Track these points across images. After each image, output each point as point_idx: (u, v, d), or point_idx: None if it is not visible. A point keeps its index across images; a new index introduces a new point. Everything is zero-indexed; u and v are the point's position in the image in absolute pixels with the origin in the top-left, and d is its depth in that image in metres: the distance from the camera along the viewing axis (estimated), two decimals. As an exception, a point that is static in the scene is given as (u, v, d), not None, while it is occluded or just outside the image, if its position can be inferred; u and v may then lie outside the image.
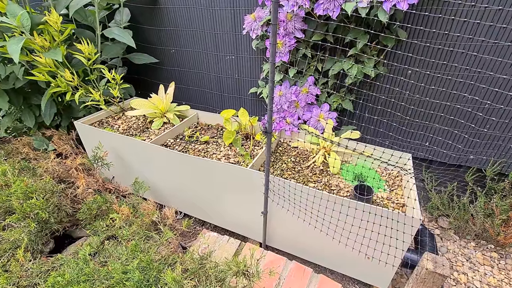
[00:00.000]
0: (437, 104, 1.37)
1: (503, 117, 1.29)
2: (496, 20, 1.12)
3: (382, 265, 1.02)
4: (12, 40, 1.29)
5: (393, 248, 0.95)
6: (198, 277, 0.90)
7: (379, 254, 1.00)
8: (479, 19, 1.14)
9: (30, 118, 1.79)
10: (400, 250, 0.94)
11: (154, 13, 1.92)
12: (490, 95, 1.27)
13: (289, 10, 1.22)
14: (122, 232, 1.10)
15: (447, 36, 1.21)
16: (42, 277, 0.99)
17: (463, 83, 1.28)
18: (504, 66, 1.19)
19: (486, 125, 1.34)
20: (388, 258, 0.98)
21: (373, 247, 1.00)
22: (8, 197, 1.10)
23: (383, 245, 0.97)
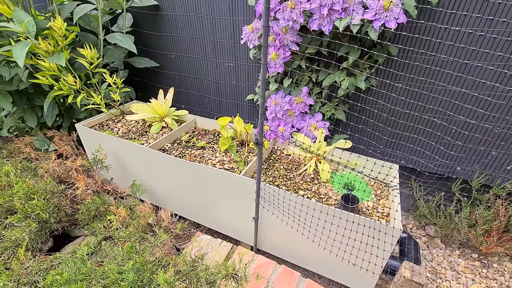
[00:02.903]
0: (425, 119, 1.43)
1: (486, 135, 1.35)
2: (479, 45, 1.18)
3: (365, 271, 1.07)
4: (18, 45, 1.34)
5: (374, 256, 1.00)
6: (189, 279, 0.95)
7: (361, 262, 1.06)
8: (463, 43, 1.20)
9: (33, 119, 1.84)
10: (381, 259, 0.99)
11: (156, 19, 1.97)
12: (474, 113, 1.32)
13: (284, 24, 1.28)
14: (118, 233, 1.15)
15: (434, 56, 1.27)
16: (41, 275, 1.04)
17: (449, 102, 1.33)
18: (487, 87, 1.24)
19: (470, 141, 1.39)
20: (370, 265, 1.03)
21: (355, 254, 1.05)
22: (11, 197, 1.15)
23: (365, 253, 1.02)
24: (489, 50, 1.17)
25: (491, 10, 1.14)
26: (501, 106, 1.27)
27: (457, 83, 1.29)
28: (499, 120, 1.30)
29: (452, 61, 1.25)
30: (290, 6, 1.24)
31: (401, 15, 1.11)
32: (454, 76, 1.27)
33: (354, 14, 1.16)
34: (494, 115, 1.29)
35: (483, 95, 1.27)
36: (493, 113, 1.28)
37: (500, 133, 1.33)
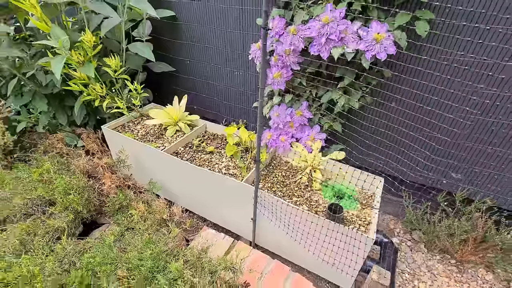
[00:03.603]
0: (413, 137, 1.55)
1: (465, 152, 1.47)
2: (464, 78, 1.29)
3: (341, 271, 1.26)
4: (56, 59, 1.55)
5: (349, 259, 1.18)
6: (195, 268, 1.17)
7: (338, 263, 1.24)
8: (449, 74, 1.31)
9: (63, 117, 2.08)
10: (354, 262, 1.17)
11: (173, 27, 2.13)
12: (459, 135, 1.44)
13: (287, 47, 1.41)
14: (138, 226, 1.37)
15: (421, 82, 1.38)
16: (76, 257, 1.28)
17: (433, 123, 1.45)
18: (465, 114, 1.35)
19: (451, 158, 1.51)
20: (346, 267, 1.21)
21: (333, 256, 1.23)
22: (52, 191, 1.40)
23: (341, 256, 1.20)
24: (471, 82, 1.28)
25: (475, 48, 1.24)
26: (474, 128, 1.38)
27: (442, 107, 1.41)
28: (477, 140, 1.41)
29: (439, 88, 1.36)
30: (292, 31, 1.38)
31: (391, 47, 1.23)
32: (441, 100, 1.39)
33: (350, 43, 1.28)
34: (474, 135, 1.40)
35: (462, 118, 1.38)
36: (474, 133, 1.39)
37: (481, 151, 1.44)
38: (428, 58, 1.35)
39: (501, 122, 1.34)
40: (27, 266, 1.05)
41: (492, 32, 1.19)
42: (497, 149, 1.40)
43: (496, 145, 1.39)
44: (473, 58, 1.25)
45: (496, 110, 1.32)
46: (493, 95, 1.29)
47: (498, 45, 1.19)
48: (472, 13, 1.20)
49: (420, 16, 1.23)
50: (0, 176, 1.43)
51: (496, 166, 1.45)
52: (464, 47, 1.26)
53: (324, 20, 1.27)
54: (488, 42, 1.20)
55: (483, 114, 1.35)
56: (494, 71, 1.24)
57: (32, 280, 1.03)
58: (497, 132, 1.36)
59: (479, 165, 1.49)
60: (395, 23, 1.26)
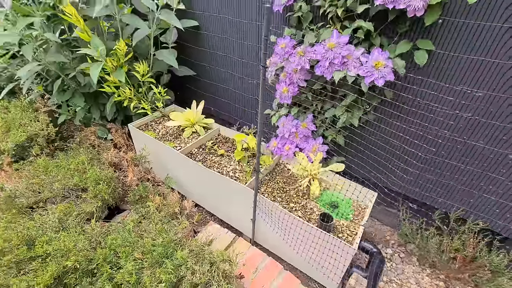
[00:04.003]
0: (412, 153, 1.62)
1: (462, 175, 1.52)
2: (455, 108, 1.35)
3: (327, 275, 1.39)
4: (94, 65, 1.79)
5: (332, 265, 1.31)
6: (198, 257, 1.36)
7: (324, 268, 1.37)
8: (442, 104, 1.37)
9: (97, 112, 2.35)
10: (336, 268, 1.30)
11: (197, 36, 2.32)
12: (455, 152, 1.50)
13: (295, 66, 1.54)
14: (154, 216, 1.59)
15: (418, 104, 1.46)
16: (102, 237, 1.52)
17: (431, 140, 1.52)
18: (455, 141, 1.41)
19: (444, 177, 1.58)
20: (331, 272, 1.35)
21: (317, 261, 1.37)
22: (85, 180, 1.65)
23: (325, 262, 1.33)
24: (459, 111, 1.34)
25: (471, 81, 1.30)
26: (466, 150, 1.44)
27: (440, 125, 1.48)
28: (468, 163, 1.47)
29: (435, 109, 1.43)
30: (299, 53, 1.50)
31: (389, 74, 1.31)
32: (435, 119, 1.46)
33: (352, 68, 1.38)
34: (465, 159, 1.46)
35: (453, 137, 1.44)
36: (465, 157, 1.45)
37: (476, 174, 1.49)
38: (432, 81, 1.41)
39: (495, 150, 1.38)
40: (64, 241, 1.30)
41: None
42: (496, 176, 1.44)
43: (491, 170, 1.44)
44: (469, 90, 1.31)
45: (490, 140, 1.37)
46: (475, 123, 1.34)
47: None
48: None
49: (421, 47, 1.31)
50: (45, 164, 1.71)
51: (490, 190, 1.50)
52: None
53: (329, 45, 1.38)
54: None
55: (470, 138, 1.40)
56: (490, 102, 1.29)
57: (67, 253, 1.27)
58: (487, 156, 1.41)
59: (472, 187, 1.54)
60: (396, 51, 1.34)
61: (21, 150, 1.99)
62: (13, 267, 1.25)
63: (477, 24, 1.20)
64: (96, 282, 1.23)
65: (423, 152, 1.59)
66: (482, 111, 1.33)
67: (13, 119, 2.08)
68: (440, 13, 1.23)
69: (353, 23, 1.40)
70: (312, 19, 1.59)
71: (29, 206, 1.65)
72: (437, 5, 1.20)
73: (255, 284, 1.46)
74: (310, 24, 1.60)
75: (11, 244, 1.29)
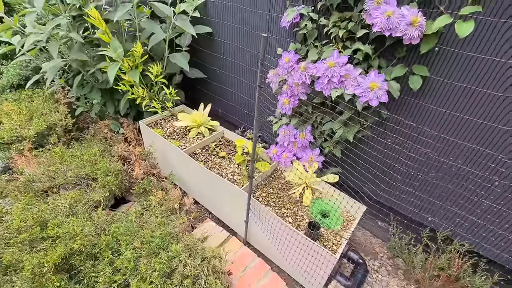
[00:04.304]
0: (403, 172, 1.68)
1: (451, 195, 1.57)
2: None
3: (309, 280, 1.48)
4: (112, 65, 1.93)
5: (314, 272, 1.39)
6: (191, 251, 1.47)
7: (308, 273, 1.46)
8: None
9: (111, 107, 2.51)
10: (317, 274, 1.38)
11: (209, 41, 2.43)
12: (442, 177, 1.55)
13: (296, 80, 1.62)
14: (155, 209, 1.71)
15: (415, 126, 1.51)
16: (106, 225, 1.66)
17: (421, 160, 1.57)
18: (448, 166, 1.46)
19: (431, 195, 1.63)
20: (312, 277, 1.43)
21: (302, 266, 1.45)
22: (95, 171, 1.79)
23: (309, 268, 1.42)
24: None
25: (463, 107, 1.35)
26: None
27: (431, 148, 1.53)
28: (461, 187, 1.51)
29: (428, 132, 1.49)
30: (301, 68, 1.58)
31: (383, 95, 1.38)
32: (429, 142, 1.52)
33: (349, 87, 1.46)
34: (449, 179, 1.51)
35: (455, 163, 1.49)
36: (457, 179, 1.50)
37: (462, 196, 1.54)
38: (425, 105, 1.47)
39: (479, 174, 1.43)
40: (73, 226, 1.44)
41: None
42: (484, 201, 1.49)
43: (475, 194, 1.49)
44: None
45: (481, 168, 1.41)
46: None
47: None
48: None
49: (416, 72, 1.37)
50: (61, 153, 1.86)
51: (476, 213, 1.54)
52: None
53: (329, 64, 1.46)
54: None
55: (456, 161, 1.45)
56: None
57: (75, 237, 1.41)
58: (473, 180, 1.45)
59: (460, 208, 1.59)
60: (392, 75, 1.40)
61: (40, 138, 2.16)
62: (26, 245, 1.39)
63: (471, 55, 1.25)
64: (98, 265, 1.36)
65: (413, 170, 1.64)
66: (473, 137, 1.38)
67: (36, 108, 2.26)
68: (436, 42, 1.29)
69: (354, 43, 1.47)
70: (317, 36, 1.67)
71: (44, 190, 1.80)
72: (433, 35, 1.26)
73: (242, 281, 1.56)
74: (314, 41, 1.68)
75: (27, 224, 1.44)
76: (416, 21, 1.21)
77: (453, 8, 1.22)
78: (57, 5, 1.97)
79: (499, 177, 1.37)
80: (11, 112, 2.20)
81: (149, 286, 1.24)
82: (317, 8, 1.57)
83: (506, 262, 1.54)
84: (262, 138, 2.44)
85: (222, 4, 2.15)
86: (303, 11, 1.57)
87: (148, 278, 1.27)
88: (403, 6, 1.25)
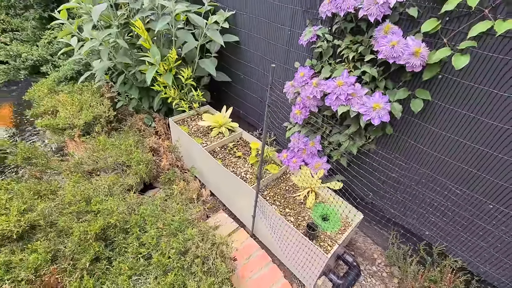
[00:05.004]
0: (405, 189, 1.78)
1: (449, 213, 1.66)
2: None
3: (307, 274, 1.66)
4: (150, 69, 2.22)
5: (309, 268, 1.57)
6: (204, 236, 1.72)
7: (304, 268, 1.64)
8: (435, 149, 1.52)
9: (146, 103, 2.83)
10: (311, 271, 1.56)
11: (236, 49, 2.65)
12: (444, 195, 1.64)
13: (308, 94, 1.78)
14: (176, 197, 1.99)
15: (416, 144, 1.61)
16: (136, 206, 1.96)
17: (419, 178, 1.67)
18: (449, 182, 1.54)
19: (427, 212, 1.72)
20: (306, 273, 1.61)
21: (298, 262, 1.63)
22: (130, 160, 2.11)
23: (304, 264, 1.60)
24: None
25: (459, 130, 1.43)
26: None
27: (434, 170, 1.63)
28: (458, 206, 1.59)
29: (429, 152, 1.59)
30: (314, 84, 1.74)
31: (385, 115, 1.50)
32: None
33: (355, 104, 1.59)
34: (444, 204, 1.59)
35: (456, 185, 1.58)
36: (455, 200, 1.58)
37: (461, 216, 1.62)
38: (428, 126, 1.56)
39: (475, 196, 1.50)
40: (110, 204, 1.75)
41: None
42: (478, 222, 1.56)
43: (474, 214, 1.56)
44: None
45: (473, 187, 1.49)
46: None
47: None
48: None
49: (418, 96, 1.47)
50: (104, 141, 2.20)
51: (474, 232, 1.61)
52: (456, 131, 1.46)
53: (338, 83, 1.61)
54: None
55: (454, 181, 1.53)
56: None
57: (111, 213, 1.72)
58: (472, 202, 1.53)
59: (458, 225, 1.66)
60: (395, 96, 1.52)
61: (87, 126, 2.54)
62: (75, 215, 1.73)
63: (471, 85, 1.34)
64: (128, 238, 1.66)
65: (415, 185, 1.74)
66: (471, 161, 1.46)
67: (85, 101, 2.64)
68: (439, 70, 1.38)
69: (363, 65, 1.60)
70: (332, 54, 1.81)
71: (89, 172, 2.16)
72: (435, 64, 1.36)
73: (245, 268, 1.78)
74: (329, 58, 1.82)
75: (75, 198, 1.78)
76: (419, 52, 1.32)
77: (456, 41, 1.31)
78: (109, 13, 2.30)
79: (498, 203, 1.43)
80: (65, 103, 2.60)
81: (167, 260, 1.51)
82: (333, 29, 1.70)
83: (498, 282, 1.60)
84: (276, 141, 2.62)
85: (249, 16, 2.35)
86: (319, 32, 1.72)
87: (166, 254, 1.53)
88: (409, 37, 1.36)
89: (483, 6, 1.18)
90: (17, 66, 3.47)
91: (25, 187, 1.76)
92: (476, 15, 1.22)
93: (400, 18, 1.45)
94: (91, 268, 1.51)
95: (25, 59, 3.49)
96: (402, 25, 1.46)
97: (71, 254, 1.52)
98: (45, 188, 1.83)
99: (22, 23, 4.19)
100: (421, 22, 1.37)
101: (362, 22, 1.55)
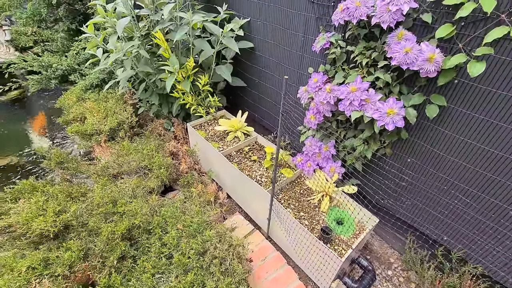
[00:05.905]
0: (422, 193, 1.77)
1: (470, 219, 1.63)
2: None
3: (322, 277, 1.69)
4: (170, 77, 2.34)
5: (323, 271, 1.60)
6: (221, 238, 1.80)
7: (319, 271, 1.67)
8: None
9: (166, 109, 2.96)
10: (326, 274, 1.59)
11: (251, 55, 2.71)
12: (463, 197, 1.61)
13: (322, 100, 1.81)
14: (195, 200, 2.08)
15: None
16: (158, 208, 2.07)
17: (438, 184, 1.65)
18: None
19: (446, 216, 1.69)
20: (321, 276, 1.64)
21: (313, 265, 1.67)
22: (152, 163, 2.23)
23: (319, 267, 1.63)
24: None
25: (477, 135, 1.41)
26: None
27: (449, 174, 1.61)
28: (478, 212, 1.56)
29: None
30: (327, 90, 1.77)
31: (400, 121, 1.51)
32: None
33: (368, 109, 1.61)
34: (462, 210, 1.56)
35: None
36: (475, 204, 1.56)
37: (481, 222, 1.59)
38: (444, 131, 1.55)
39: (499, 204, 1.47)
40: (134, 206, 1.87)
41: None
42: (494, 225, 1.53)
43: (494, 221, 1.53)
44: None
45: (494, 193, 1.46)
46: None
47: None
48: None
49: (433, 101, 1.47)
50: (127, 147, 2.35)
51: (498, 239, 1.57)
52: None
53: (352, 88, 1.63)
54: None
55: (472, 186, 1.50)
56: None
57: (135, 214, 1.83)
58: (492, 208, 1.49)
59: (475, 231, 1.63)
60: (410, 102, 1.52)
61: (112, 132, 2.70)
62: (103, 216, 1.86)
63: (489, 89, 1.32)
64: (151, 238, 1.77)
65: (431, 190, 1.72)
66: (490, 166, 1.44)
67: (110, 108, 2.81)
68: (454, 75, 1.37)
69: (377, 70, 1.61)
70: (345, 59, 1.83)
71: (114, 175, 2.31)
72: (451, 69, 1.35)
73: (261, 269, 1.84)
74: (343, 64, 1.84)
75: (103, 200, 1.91)
76: (433, 58, 1.32)
77: (473, 46, 1.30)
78: (131, 25, 2.44)
79: (514, 208, 1.40)
80: (92, 110, 2.78)
81: (187, 260, 1.60)
82: (346, 36, 1.72)
83: (520, 291, 1.56)
84: (290, 145, 2.66)
85: (263, 23, 2.40)
86: (332, 39, 1.75)
87: (186, 254, 1.62)
88: (423, 42, 1.36)
89: (499, 11, 1.17)
90: (48, 75, 3.74)
91: (59, 189, 1.92)
92: (492, 20, 1.20)
93: (414, 24, 1.45)
94: (118, 265, 1.63)
95: (56, 69, 3.75)
96: (416, 31, 1.46)
97: (100, 252, 1.65)
98: (76, 191, 1.98)
99: (52, 35, 4.50)
100: (436, 28, 1.36)
101: (375, 28, 1.56)
